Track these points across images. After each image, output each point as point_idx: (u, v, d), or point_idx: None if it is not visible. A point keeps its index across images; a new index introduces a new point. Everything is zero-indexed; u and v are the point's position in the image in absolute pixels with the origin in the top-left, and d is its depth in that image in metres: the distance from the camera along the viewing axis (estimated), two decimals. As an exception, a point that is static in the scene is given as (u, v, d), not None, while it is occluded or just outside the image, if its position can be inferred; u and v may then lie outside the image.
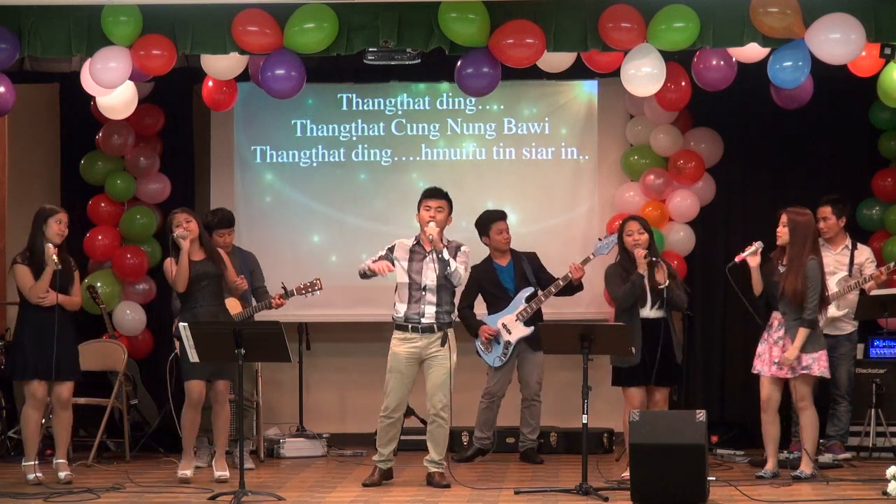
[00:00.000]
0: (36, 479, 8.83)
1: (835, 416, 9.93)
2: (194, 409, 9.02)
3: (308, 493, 8.60)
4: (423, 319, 8.70)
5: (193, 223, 9.05)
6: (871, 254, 10.06)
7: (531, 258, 10.23)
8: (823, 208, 9.88)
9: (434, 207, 8.78)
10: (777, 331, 8.83)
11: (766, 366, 8.84)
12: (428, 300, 8.71)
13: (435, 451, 8.80)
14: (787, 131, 10.88)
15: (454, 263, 8.67)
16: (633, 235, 8.99)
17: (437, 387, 8.72)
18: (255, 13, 8.93)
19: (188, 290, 8.97)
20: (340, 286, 10.83)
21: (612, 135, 11.17)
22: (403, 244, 8.84)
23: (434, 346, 8.72)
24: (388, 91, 11.21)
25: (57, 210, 9.00)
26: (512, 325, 10.04)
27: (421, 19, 8.92)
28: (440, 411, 8.72)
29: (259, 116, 11.21)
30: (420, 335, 8.72)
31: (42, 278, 8.85)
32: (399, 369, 8.77)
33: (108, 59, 9.02)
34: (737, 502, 8.09)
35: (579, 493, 8.25)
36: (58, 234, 8.91)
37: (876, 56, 8.97)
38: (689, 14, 8.78)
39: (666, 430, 7.94)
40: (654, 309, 8.98)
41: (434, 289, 8.72)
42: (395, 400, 8.79)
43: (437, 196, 8.84)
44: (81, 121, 10.95)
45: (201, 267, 8.99)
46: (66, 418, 9.03)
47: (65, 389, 8.96)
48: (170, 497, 8.42)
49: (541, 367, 10.13)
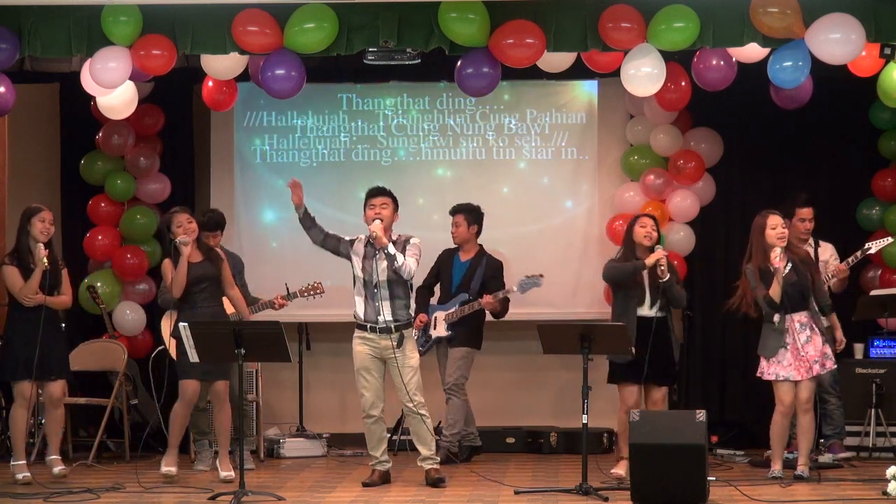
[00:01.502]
0: (24, 478, 8.82)
1: (826, 414, 9.90)
2: (186, 407, 9.02)
3: (308, 493, 8.60)
4: (380, 318, 8.76)
5: (194, 223, 9.06)
6: (833, 250, 10.01)
7: (492, 265, 10.18)
8: (805, 209, 9.80)
9: (378, 205, 8.87)
10: (801, 332, 8.81)
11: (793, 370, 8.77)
12: (383, 296, 8.77)
13: (423, 447, 8.86)
14: (787, 131, 10.88)
15: (401, 257, 8.75)
16: (646, 228, 9.07)
17: (403, 387, 8.78)
18: (255, 13, 8.93)
19: (187, 292, 8.97)
20: (340, 286, 10.80)
21: (612, 135, 11.17)
22: (361, 240, 8.91)
23: (390, 347, 8.78)
24: (388, 91, 11.21)
25: (40, 209, 9.01)
26: (439, 322, 10.10)
27: (421, 19, 8.92)
28: (413, 408, 8.80)
29: (259, 116, 11.21)
30: (378, 335, 8.80)
31: (32, 278, 8.86)
32: (365, 367, 8.84)
33: (108, 59, 9.02)
34: (737, 502, 8.09)
35: (579, 493, 8.25)
36: (41, 232, 8.92)
37: (876, 56, 8.97)
38: (689, 14, 8.78)
39: (666, 430, 7.94)
40: (654, 308, 8.99)
41: (386, 284, 8.77)
42: (371, 398, 8.84)
43: (380, 194, 8.93)
44: (81, 121, 10.95)
45: (200, 269, 8.99)
46: (58, 416, 9.03)
47: (56, 388, 8.96)
48: (170, 497, 8.42)
49: (459, 362, 10.01)
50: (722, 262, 11.01)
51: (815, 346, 8.78)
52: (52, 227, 9.01)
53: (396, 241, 8.84)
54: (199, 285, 8.98)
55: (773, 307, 8.75)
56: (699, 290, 11.00)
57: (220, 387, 9.05)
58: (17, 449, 8.97)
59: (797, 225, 9.75)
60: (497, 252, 10.41)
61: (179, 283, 8.92)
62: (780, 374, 8.77)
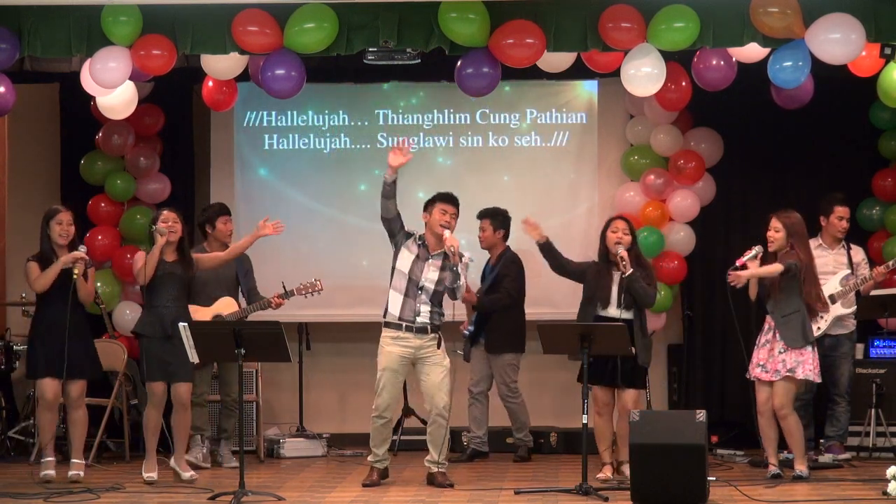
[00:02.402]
0: (45, 476, 8.82)
1: (833, 416, 9.94)
2: (156, 409, 8.97)
3: (308, 493, 8.60)
4: (419, 319, 8.68)
5: (180, 225, 9.03)
6: (864, 254, 10.10)
7: (506, 262, 10.17)
8: (843, 208, 9.91)
9: (450, 213, 8.77)
10: (766, 334, 8.84)
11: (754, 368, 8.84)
12: (423, 300, 8.70)
13: (435, 451, 8.78)
14: (787, 131, 10.88)
15: (462, 279, 8.66)
16: (617, 233, 8.98)
17: (436, 387, 8.70)
18: (255, 13, 8.93)
19: (153, 287, 8.91)
20: (340, 286, 10.83)
21: (612, 135, 11.17)
22: (416, 238, 8.82)
23: (428, 347, 8.71)
24: (388, 91, 11.21)
25: (58, 210, 8.99)
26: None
27: (421, 19, 8.92)
28: (442, 410, 8.70)
29: (259, 116, 11.21)
30: (414, 335, 8.70)
31: (47, 272, 8.79)
32: (392, 368, 8.73)
33: (108, 59, 9.03)
34: (737, 502, 8.09)
35: (579, 493, 8.24)
36: (60, 234, 8.89)
37: (876, 56, 8.97)
38: (689, 14, 8.78)
39: (666, 430, 7.94)
40: (619, 308, 8.94)
41: (430, 291, 8.71)
42: (388, 399, 8.77)
43: (452, 202, 8.82)
44: (81, 121, 10.94)
45: (170, 267, 8.95)
46: (77, 418, 8.97)
47: (74, 388, 8.93)
48: (170, 497, 8.42)
49: (506, 368, 10.11)
50: (722, 262, 10.97)
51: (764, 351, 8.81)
52: (70, 228, 8.91)
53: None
54: (165, 282, 8.90)
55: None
56: (699, 290, 11.00)
57: (181, 389, 8.96)
58: (44, 448, 8.96)
59: (834, 223, 9.86)
60: None
61: (148, 268, 8.82)
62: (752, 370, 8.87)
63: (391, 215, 8.76)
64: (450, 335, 10.39)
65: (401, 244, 8.79)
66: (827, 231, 9.93)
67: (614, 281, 8.95)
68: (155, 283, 8.91)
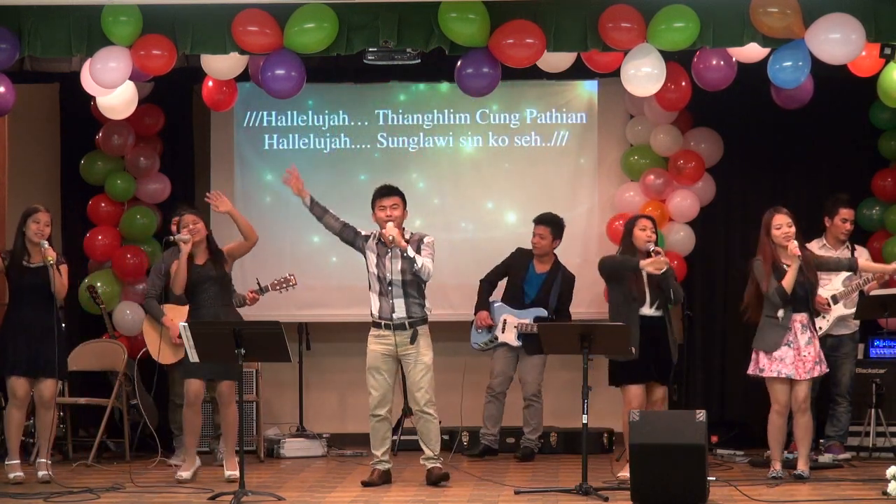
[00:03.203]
0: (16, 478, 8.82)
1: (834, 416, 9.95)
2: (191, 408, 9.04)
3: (308, 493, 8.60)
4: (395, 315, 8.75)
5: (201, 224, 9.08)
6: (868, 255, 10.10)
7: (567, 280, 10.31)
8: (847, 210, 9.92)
9: (389, 206, 8.83)
10: (802, 333, 8.81)
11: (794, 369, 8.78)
12: (396, 294, 8.76)
13: (428, 447, 8.85)
14: (787, 131, 10.88)
15: (420, 259, 8.72)
16: (646, 231, 9.03)
17: (415, 384, 8.80)
18: (255, 13, 8.92)
19: (190, 292, 9.01)
20: (340, 286, 10.83)
21: (612, 135, 11.17)
22: (374, 237, 8.89)
23: (408, 344, 8.76)
24: (387, 91, 11.21)
25: (37, 209, 9.01)
26: (510, 328, 10.13)
27: (421, 19, 8.92)
28: (423, 407, 8.80)
29: (259, 116, 11.21)
30: (392, 332, 8.78)
31: None
32: (376, 366, 8.83)
33: (108, 59, 9.02)
34: (737, 502, 8.10)
35: (579, 493, 8.25)
36: (35, 233, 8.91)
37: (876, 56, 8.97)
38: (689, 14, 8.77)
39: (666, 430, 7.94)
40: (653, 308, 8.99)
41: (399, 283, 8.77)
42: (378, 397, 8.84)
43: (390, 194, 8.88)
44: (81, 121, 10.94)
45: (202, 270, 9.01)
46: (47, 417, 8.95)
47: (45, 388, 8.92)
48: (170, 497, 8.42)
49: (538, 369, 10.21)
50: (722, 262, 11.02)
51: (815, 349, 8.79)
52: (47, 229, 8.94)
53: (409, 240, 8.80)
54: (202, 286, 9.01)
55: (784, 299, 8.73)
56: (699, 290, 11.00)
57: (225, 387, 9.05)
58: (11, 448, 8.97)
59: (838, 225, 9.88)
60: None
61: (180, 281, 8.98)
62: (783, 371, 8.77)
63: (337, 230, 8.93)
64: (453, 334, 10.47)
65: (363, 249, 8.88)
66: (831, 232, 9.95)
67: (646, 280, 8.96)
68: (191, 289, 9.02)
